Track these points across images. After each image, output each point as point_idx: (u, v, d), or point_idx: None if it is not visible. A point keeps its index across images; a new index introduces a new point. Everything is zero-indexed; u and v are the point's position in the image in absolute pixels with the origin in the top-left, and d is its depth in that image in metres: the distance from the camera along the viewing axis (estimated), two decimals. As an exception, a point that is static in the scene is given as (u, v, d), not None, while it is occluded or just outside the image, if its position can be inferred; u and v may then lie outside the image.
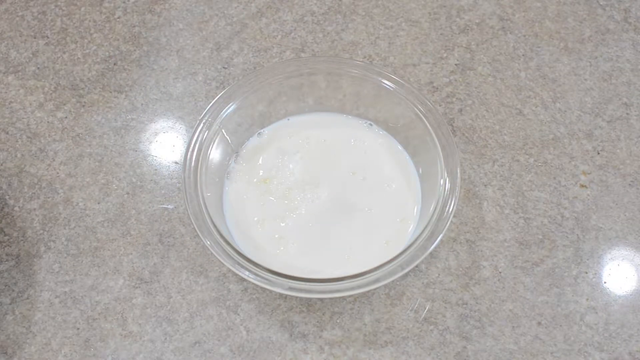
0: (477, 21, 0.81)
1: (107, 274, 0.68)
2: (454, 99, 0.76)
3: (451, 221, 0.62)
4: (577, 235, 0.70)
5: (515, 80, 0.77)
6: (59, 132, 0.75)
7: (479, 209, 0.71)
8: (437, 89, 0.77)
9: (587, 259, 0.69)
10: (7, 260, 0.69)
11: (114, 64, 0.79)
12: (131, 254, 0.69)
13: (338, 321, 0.66)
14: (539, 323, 0.66)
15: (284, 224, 0.66)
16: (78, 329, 0.66)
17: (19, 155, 0.74)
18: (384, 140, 0.71)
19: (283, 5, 0.82)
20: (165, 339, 0.66)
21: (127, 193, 0.72)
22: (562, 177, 0.72)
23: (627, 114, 0.76)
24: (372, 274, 0.60)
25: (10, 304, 0.67)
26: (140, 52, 0.80)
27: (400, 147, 0.70)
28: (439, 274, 0.68)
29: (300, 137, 0.71)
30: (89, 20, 0.81)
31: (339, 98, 0.71)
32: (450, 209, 0.62)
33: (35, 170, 0.73)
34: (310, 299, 0.67)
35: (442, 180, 0.64)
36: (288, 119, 0.72)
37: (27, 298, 0.67)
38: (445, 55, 0.79)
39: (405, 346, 0.65)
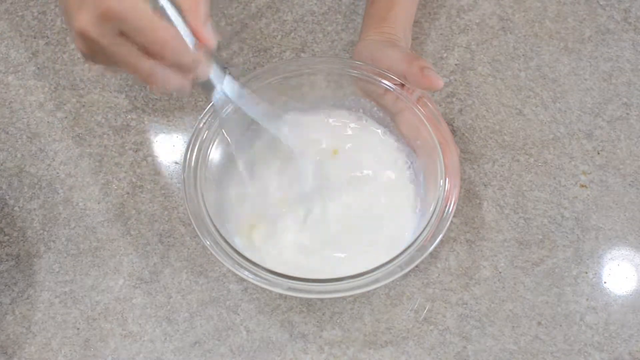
0: (477, 21, 0.81)
1: (107, 274, 0.68)
2: (454, 99, 0.76)
3: (451, 221, 0.62)
4: (577, 235, 0.70)
5: (515, 80, 0.77)
6: (59, 132, 0.75)
7: (479, 209, 0.71)
8: (437, 89, 0.77)
9: (587, 259, 0.69)
10: (7, 260, 0.69)
11: (114, 64, 0.79)
12: (131, 254, 0.69)
13: (338, 321, 0.66)
14: (539, 323, 0.66)
15: (284, 224, 0.66)
16: (78, 329, 0.66)
17: (19, 155, 0.74)
18: (385, 139, 0.71)
19: (283, 5, 0.82)
20: (165, 339, 0.66)
21: (127, 193, 0.72)
22: (562, 177, 0.72)
23: (627, 114, 0.76)
24: (372, 274, 0.60)
25: (10, 304, 0.67)
26: (140, 52, 0.80)
27: (401, 147, 0.70)
28: (439, 274, 0.68)
29: (300, 137, 0.70)
30: (89, 20, 0.81)
31: (339, 98, 0.71)
32: (450, 209, 0.62)
33: (35, 170, 0.73)
34: (310, 299, 0.67)
35: (442, 180, 0.64)
36: (287, 119, 0.72)
37: (27, 298, 0.67)
38: (445, 55, 0.79)
39: (405, 346, 0.65)
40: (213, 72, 0.55)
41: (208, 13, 0.52)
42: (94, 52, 0.51)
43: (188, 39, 0.51)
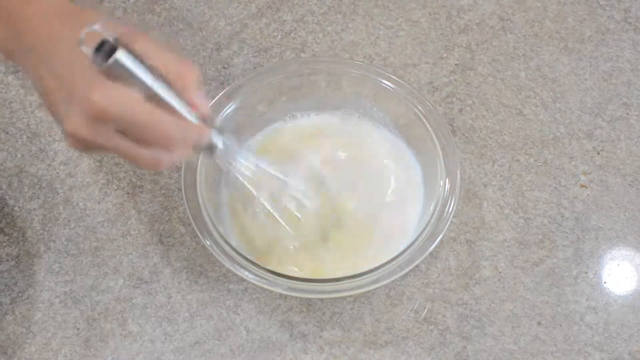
0: (477, 21, 0.81)
1: (107, 274, 0.68)
2: (454, 99, 0.76)
3: (451, 221, 0.62)
4: (577, 235, 0.70)
5: (515, 80, 0.77)
6: (59, 132, 0.75)
7: (479, 209, 0.71)
8: (437, 89, 0.77)
9: (587, 259, 0.69)
10: (7, 260, 0.69)
11: (114, 64, 0.79)
12: (131, 254, 0.69)
13: (338, 321, 0.66)
14: (539, 323, 0.66)
15: (283, 224, 0.66)
16: (78, 329, 0.66)
17: (19, 155, 0.74)
18: (386, 139, 0.70)
19: (283, 5, 0.82)
20: (165, 339, 0.66)
21: (127, 193, 0.72)
22: (562, 177, 0.72)
23: (627, 114, 0.76)
24: (371, 274, 0.60)
25: (10, 304, 0.67)
26: (140, 52, 0.80)
27: (403, 146, 0.70)
28: (439, 274, 0.68)
29: (300, 138, 0.70)
30: (89, 20, 0.81)
31: (339, 98, 0.71)
32: (450, 209, 0.62)
33: (35, 170, 0.73)
34: (310, 299, 0.67)
35: (442, 181, 0.64)
36: (288, 120, 0.72)
37: (27, 298, 0.67)
38: (445, 55, 0.79)
39: (405, 346, 0.65)
40: (212, 135, 0.53)
41: (200, 78, 0.50)
42: (88, 149, 0.49)
43: (185, 109, 0.49)
